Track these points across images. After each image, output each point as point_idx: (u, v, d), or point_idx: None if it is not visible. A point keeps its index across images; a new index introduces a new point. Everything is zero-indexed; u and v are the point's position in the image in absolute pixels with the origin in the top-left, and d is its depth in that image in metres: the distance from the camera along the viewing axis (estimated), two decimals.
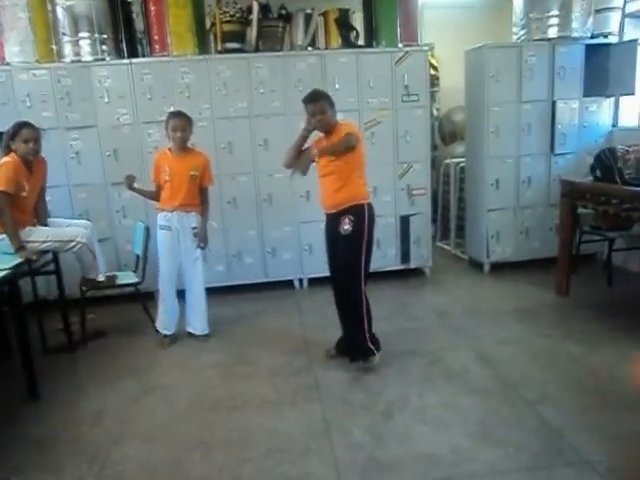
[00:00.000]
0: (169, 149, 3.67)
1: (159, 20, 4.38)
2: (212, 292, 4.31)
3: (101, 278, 3.81)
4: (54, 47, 4.50)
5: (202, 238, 3.69)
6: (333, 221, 3.07)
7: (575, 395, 2.76)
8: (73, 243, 3.54)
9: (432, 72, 6.75)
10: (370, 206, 3.08)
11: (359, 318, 3.06)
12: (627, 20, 4.91)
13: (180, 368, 3.41)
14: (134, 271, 4.11)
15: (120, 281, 3.99)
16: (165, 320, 3.79)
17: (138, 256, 4.07)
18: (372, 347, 3.10)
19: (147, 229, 3.95)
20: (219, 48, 4.50)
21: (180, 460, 2.41)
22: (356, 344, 3.14)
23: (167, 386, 3.17)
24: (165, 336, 3.79)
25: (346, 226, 2.98)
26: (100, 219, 4.42)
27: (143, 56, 4.52)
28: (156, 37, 4.41)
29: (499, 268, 4.96)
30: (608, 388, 2.79)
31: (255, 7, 4.38)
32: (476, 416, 2.63)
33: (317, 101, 3.02)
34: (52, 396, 3.06)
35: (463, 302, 4.26)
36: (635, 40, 4.62)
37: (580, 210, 4.23)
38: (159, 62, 4.38)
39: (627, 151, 3.74)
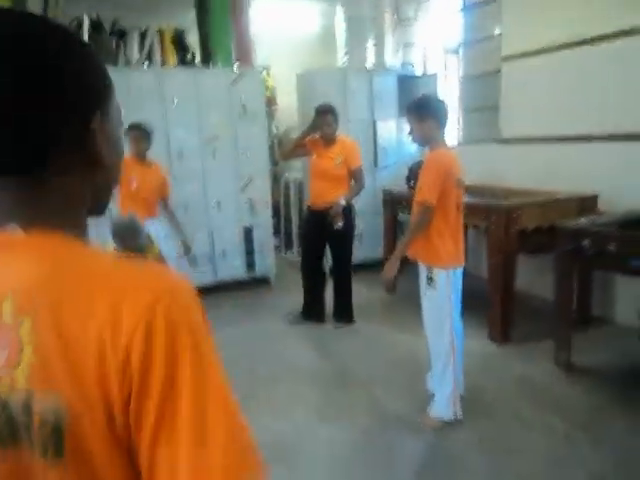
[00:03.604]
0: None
1: None
2: None
3: None
4: None
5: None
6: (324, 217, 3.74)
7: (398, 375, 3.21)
8: None
9: (268, 92, 7.17)
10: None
11: (350, 290, 4.06)
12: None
13: None
14: None
15: None
16: None
17: None
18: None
19: None
20: None
21: None
22: (347, 309, 4.05)
23: None
24: None
25: (340, 222, 3.70)
26: None
27: None
28: None
29: (361, 268, 5.33)
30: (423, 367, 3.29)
31: (86, 20, 4.32)
32: (315, 401, 2.93)
33: (326, 114, 3.70)
34: None
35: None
36: (435, 74, 5.48)
37: (400, 216, 4.86)
38: None
39: None
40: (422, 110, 2.58)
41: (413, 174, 4.56)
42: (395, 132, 5.59)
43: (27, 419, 0.52)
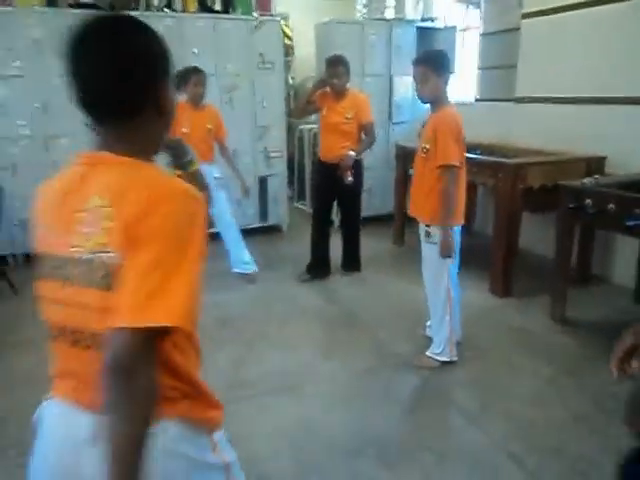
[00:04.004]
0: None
1: None
2: None
3: None
4: None
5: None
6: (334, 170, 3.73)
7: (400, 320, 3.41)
8: None
9: (287, 42, 7.11)
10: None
11: (359, 241, 4.20)
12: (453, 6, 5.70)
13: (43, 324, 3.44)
14: None
15: None
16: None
17: None
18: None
19: (1, 189, 3.82)
20: (70, 2, 4.37)
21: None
22: (354, 260, 4.22)
23: (32, 340, 3.21)
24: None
25: (350, 178, 3.70)
26: None
27: None
28: None
29: (370, 221, 5.46)
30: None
31: None
32: (321, 340, 3.15)
33: (337, 65, 3.64)
34: None
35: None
36: (454, 27, 5.42)
37: (411, 171, 4.94)
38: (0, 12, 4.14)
39: None
40: (438, 64, 2.50)
41: None
42: (411, 89, 5.59)
43: (96, 264, 0.88)
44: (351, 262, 4.26)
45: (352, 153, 3.71)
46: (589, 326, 3.26)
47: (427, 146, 2.58)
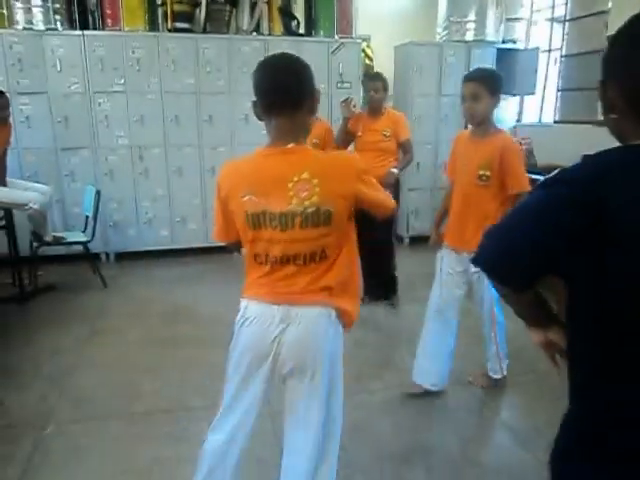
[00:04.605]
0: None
1: None
2: (157, 255, 4.69)
3: (48, 239, 4.11)
4: (4, 12, 4.67)
5: None
6: None
7: None
8: (26, 207, 3.84)
9: (368, 62, 7.32)
10: None
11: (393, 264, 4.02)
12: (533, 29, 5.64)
13: (128, 314, 3.80)
14: (83, 231, 4.42)
15: (68, 239, 4.29)
16: None
17: (87, 217, 4.39)
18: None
19: (98, 192, 4.27)
20: (169, 26, 4.82)
21: (131, 381, 2.86)
22: (392, 284, 3.98)
23: (116, 328, 3.57)
24: None
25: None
26: (49, 182, 4.60)
27: (95, 28, 4.76)
28: (109, 11, 4.67)
29: (417, 241, 5.57)
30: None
31: None
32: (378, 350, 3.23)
33: (376, 80, 3.69)
34: (6, 337, 3.39)
35: None
36: (537, 48, 5.36)
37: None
38: (111, 35, 4.66)
39: (520, 143, 4.44)
40: (492, 84, 2.36)
41: None
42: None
43: (317, 213, 1.42)
44: (389, 288, 3.97)
45: (394, 170, 3.67)
46: None
47: (487, 173, 2.40)
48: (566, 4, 5.17)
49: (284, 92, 1.44)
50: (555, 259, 0.91)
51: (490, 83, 2.36)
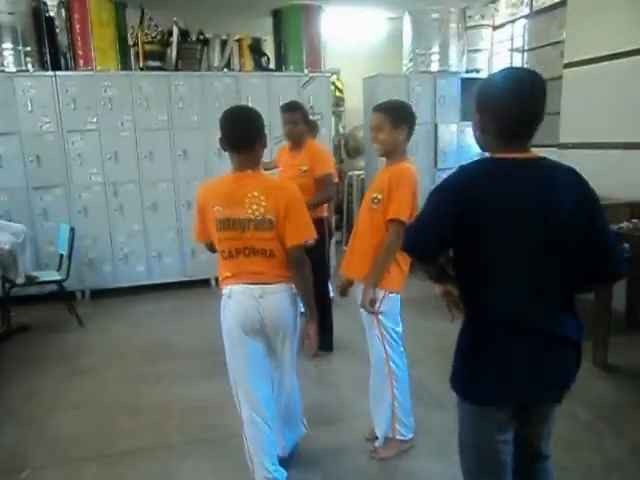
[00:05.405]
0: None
1: (83, 36, 4.71)
2: (134, 291, 4.65)
3: (20, 281, 4.03)
4: None
5: None
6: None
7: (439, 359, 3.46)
8: None
9: (338, 94, 7.52)
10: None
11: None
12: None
13: (105, 353, 3.75)
14: (57, 270, 4.38)
15: (41, 279, 4.23)
16: None
17: (62, 255, 4.35)
18: None
19: (72, 230, 4.25)
20: (141, 65, 4.90)
21: (110, 421, 2.81)
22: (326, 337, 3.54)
23: (93, 367, 3.51)
24: None
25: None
26: (21, 221, 4.55)
27: (67, 69, 4.80)
28: (80, 52, 4.73)
29: None
30: None
31: (175, 30, 4.84)
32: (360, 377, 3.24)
33: (293, 112, 3.35)
34: None
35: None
36: None
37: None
38: (83, 75, 4.70)
39: None
40: (399, 116, 2.27)
41: None
42: (456, 136, 5.77)
43: (263, 220, 1.94)
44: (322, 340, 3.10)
45: None
46: (632, 373, 3.20)
47: (379, 196, 2.27)
48: (523, 36, 5.45)
49: (242, 139, 2.01)
50: (447, 240, 1.47)
51: (393, 114, 2.27)
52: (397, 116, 2.27)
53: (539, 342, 1.44)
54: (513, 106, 1.41)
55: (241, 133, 2.00)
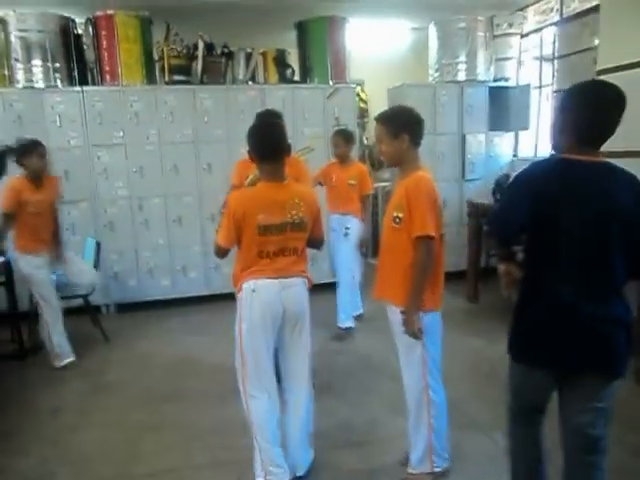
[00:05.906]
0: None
1: (110, 52, 4.75)
2: (159, 305, 4.62)
3: None
4: (6, 73, 4.78)
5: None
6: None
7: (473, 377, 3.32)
8: (42, 302, 3.69)
9: (362, 105, 7.45)
10: None
11: None
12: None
13: (129, 368, 3.71)
14: None
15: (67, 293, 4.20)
16: None
17: None
18: None
19: (98, 244, 4.24)
20: (166, 79, 4.92)
21: (134, 440, 2.74)
22: None
23: (118, 383, 3.47)
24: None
25: None
26: None
27: (94, 84, 4.85)
28: (107, 68, 4.78)
29: None
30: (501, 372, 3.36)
31: (200, 44, 4.85)
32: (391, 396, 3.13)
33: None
34: (7, 397, 3.29)
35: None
36: (528, 85, 5.46)
37: (485, 228, 4.90)
38: (110, 91, 4.74)
39: None
40: (395, 125, 2.15)
41: (500, 187, 4.62)
42: (484, 146, 5.63)
43: (300, 222, 2.21)
44: None
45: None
46: None
47: (400, 215, 2.16)
48: (553, 43, 5.31)
49: (273, 151, 2.20)
50: (524, 225, 1.72)
51: (390, 125, 2.16)
52: (395, 126, 2.15)
53: (587, 321, 1.64)
54: (597, 117, 1.65)
55: (273, 147, 2.19)
